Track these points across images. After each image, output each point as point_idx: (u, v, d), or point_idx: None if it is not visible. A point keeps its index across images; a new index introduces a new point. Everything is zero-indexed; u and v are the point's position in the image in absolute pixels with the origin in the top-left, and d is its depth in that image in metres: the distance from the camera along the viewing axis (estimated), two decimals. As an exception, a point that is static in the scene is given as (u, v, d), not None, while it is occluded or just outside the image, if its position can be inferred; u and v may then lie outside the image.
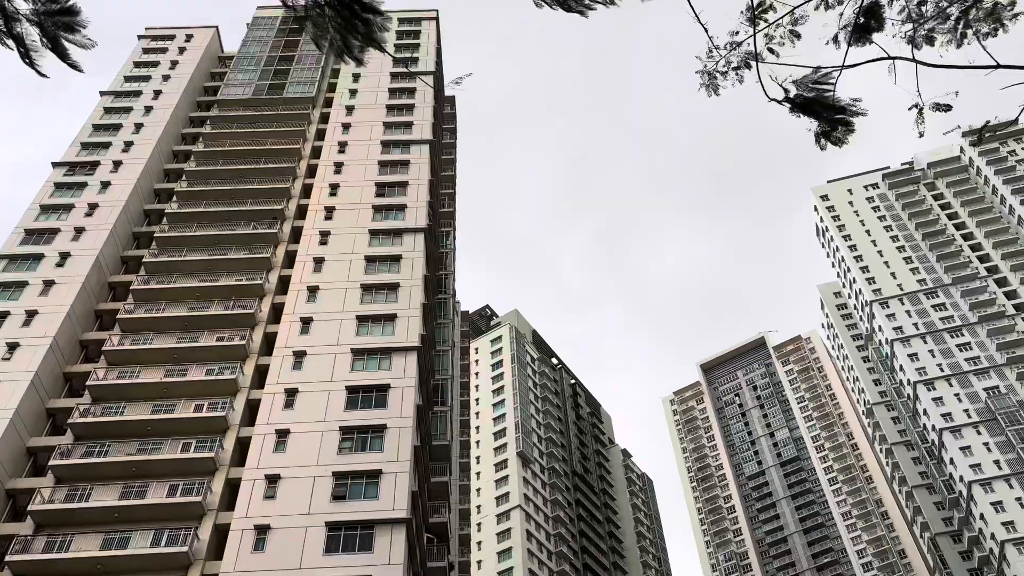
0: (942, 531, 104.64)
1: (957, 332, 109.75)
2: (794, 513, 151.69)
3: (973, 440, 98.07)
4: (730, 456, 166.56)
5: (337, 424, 44.41)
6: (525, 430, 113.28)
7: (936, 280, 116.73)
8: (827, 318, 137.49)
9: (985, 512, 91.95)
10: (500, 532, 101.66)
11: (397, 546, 38.96)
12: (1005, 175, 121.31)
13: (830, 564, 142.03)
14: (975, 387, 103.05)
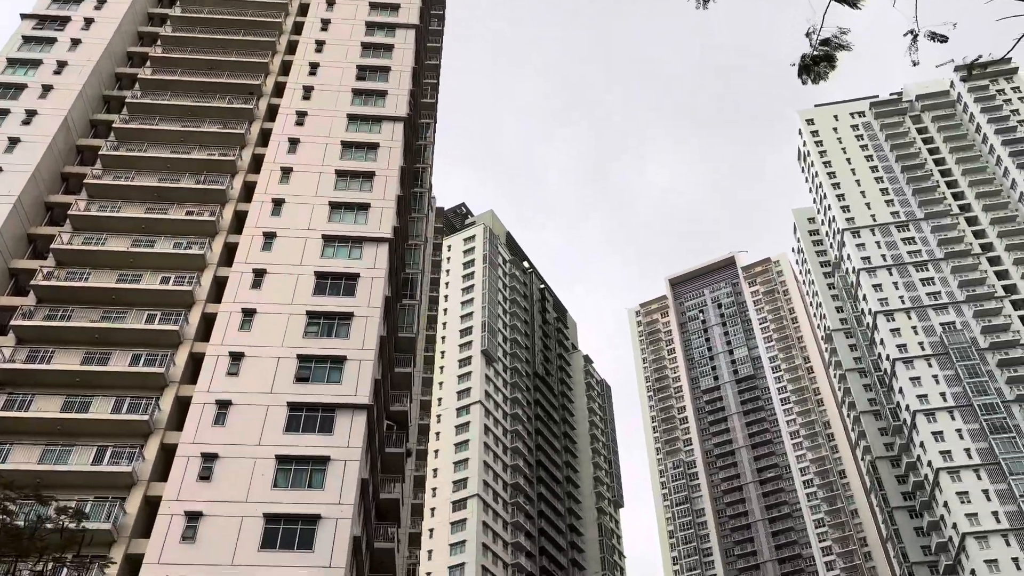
0: (882, 455, 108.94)
1: (923, 267, 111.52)
2: (744, 428, 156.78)
3: (923, 372, 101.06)
4: (688, 370, 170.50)
5: (304, 308, 44.41)
6: (491, 329, 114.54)
7: (909, 214, 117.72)
8: (798, 243, 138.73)
9: (925, 441, 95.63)
10: (459, 425, 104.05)
11: (357, 430, 39.66)
12: (991, 114, 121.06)
13: (773, 479, 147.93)
14: (932, 321, 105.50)
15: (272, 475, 37.49)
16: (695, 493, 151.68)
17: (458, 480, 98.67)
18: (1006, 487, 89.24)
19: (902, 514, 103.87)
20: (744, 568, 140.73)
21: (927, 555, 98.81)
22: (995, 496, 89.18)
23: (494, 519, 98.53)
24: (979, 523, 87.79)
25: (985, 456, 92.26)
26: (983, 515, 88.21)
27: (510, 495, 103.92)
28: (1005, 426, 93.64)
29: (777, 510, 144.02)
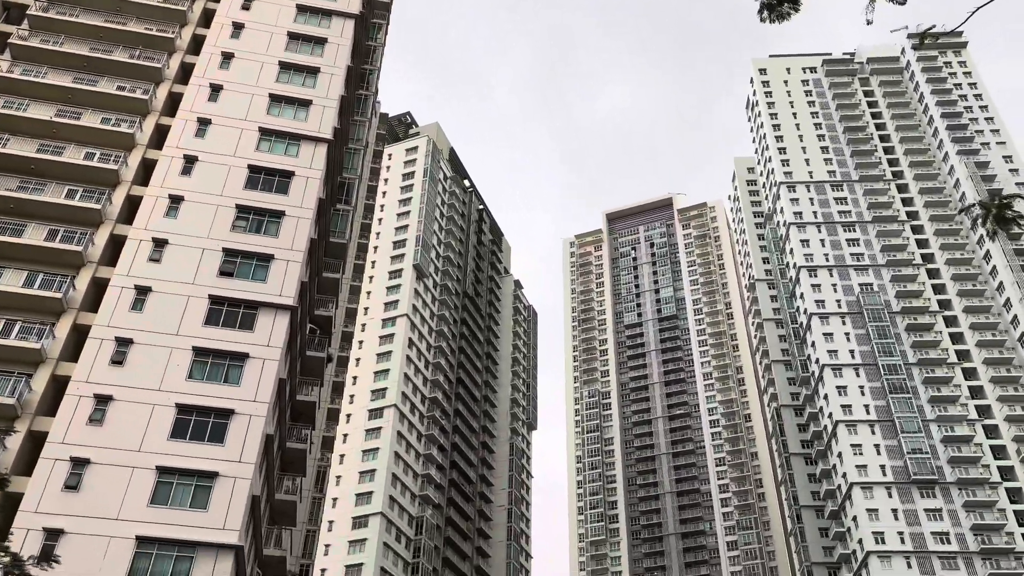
0: (788, 404, 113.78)
1: (850, 227, 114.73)
2: (660, 366, 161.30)
3: (837, 328, 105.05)
4: (614, 304, 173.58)
5: (234, 201, 43.23)
6: (425, 245, 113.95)
7: (845, 174, 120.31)
8: (735, 191, 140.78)
9: (829, 393, 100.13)
10: (384, 336, 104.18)
11: (279, 330, 39.30)
12: (935, 85, 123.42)
13: (682, 416, 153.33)
14: (852, 281, 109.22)
15: (188, 366, 37.03)
16: (607, 423, 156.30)
17: (377, 390, 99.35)
18: (896, 444, 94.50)
19: (798, 460, 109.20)
20: (644, 497, 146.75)
21: (816, 500, 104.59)
22: (885, 451, 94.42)
23: (409, 430, 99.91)
24: (867, 475, 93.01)
25: (881, 413, 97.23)
26: (872, 468, 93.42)
27: (427, 408, 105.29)
28: (904, 387, 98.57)
29: (682, 446, 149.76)
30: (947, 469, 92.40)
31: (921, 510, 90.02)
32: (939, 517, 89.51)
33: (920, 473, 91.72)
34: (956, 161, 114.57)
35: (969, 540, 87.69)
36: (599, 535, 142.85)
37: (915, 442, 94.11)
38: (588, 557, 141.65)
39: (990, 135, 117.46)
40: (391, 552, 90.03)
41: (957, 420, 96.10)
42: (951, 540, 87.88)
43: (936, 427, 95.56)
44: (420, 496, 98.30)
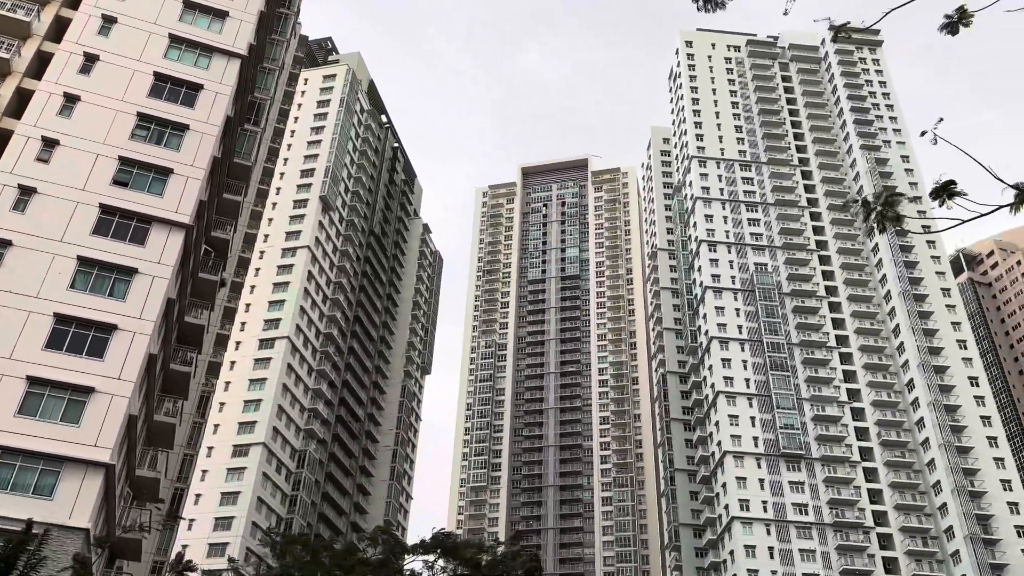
0: (674, 371, 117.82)
1: (753, 207, 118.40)
2: (558, 323, 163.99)
3: (728, 303, 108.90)
4: (520, 258, 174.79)
5: (136, 108, 41.03)
6: (335, 177, 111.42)
7: (754, 155, 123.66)
8: (649, 159, 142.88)
9: (714, 365, 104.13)
10: (283, 266, 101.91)
11: (172, 248, 37.84)
12: (849, 79, 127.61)
13: (573, 374, 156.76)
14: (748, 259, 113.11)
15: (71, 276, 35.30)
16: (500, 374, 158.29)
17: (271, 320, 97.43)
18: (770, 418, 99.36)
19: (678, 425, 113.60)
20: (528, 449, 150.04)
21: (690, 464, 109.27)
22: (759, 424, 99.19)
23: (300, 363, 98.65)
24: (740, 445, 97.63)
25: (760, 388, 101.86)
26: (745, 438, 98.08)
27: (321, 344, 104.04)
28: (784, 365, 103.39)
29: (570, 402, 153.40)
30: (814, 446, 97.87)
31: (786, 482, 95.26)
32: (801, 490, 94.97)
33: (789, 448, 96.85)
34: (859, 155, 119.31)
35: (825, 513, 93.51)
36: (480, 482, 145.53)
37: (788, 418, 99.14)
38: (467, 502, 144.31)
39: (892, 134, 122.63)
40: (270, 483, 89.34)
41: (829, 401, 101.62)
42: (809, 512, 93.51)
43: (809, 405, 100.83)
44: (305, 430, 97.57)
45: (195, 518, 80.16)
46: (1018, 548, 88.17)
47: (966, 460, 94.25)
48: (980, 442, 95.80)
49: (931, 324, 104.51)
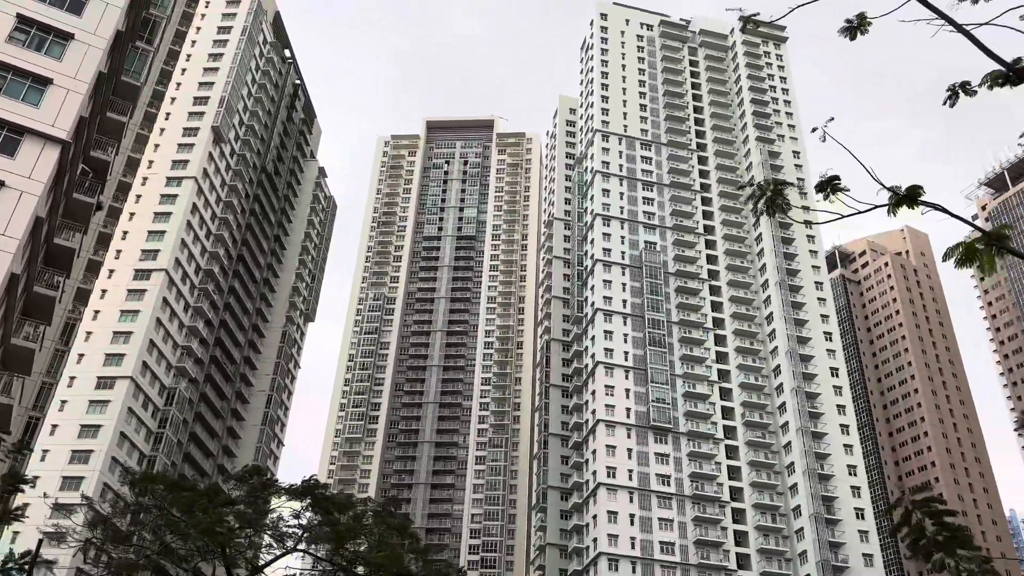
0: (559, 338, 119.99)
1: (649, 187, 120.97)
2: (450, 282, 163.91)
3: (616, 278, 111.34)
4: (417, 213, 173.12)
5: (16, 9, 37.85)
6: (230, 108, 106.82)
7: (656, 136, 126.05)
8: (554, 128, 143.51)
9: (597, 336, 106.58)
10: (166, 195, 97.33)
11: (45, 163, 35.36)
12: (752, 71, 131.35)
13: (460, 333, 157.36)
14: (640, 237, 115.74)
15: (-75, 181, 32.50)
16: (386, 327, 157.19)
17: (149, 250, 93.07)
18: (644, 391, 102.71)
19: (556, 392, 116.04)
20: (408, 404, 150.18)
21: (564, 430, 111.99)
22: (634, 396, 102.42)
23: (177, 298, 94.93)
24: (613, 415, 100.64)
25: (638, 362, 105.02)
26: (619, 409, 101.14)
27: (201, 280, 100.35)
28: (662, 342, 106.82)
29: (454, 361, 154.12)
30: (682, 421, 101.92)
31: (652, 453, 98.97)
32: (666, 462, 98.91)
33: (659, 421, 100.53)
34: (754, 146, 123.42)
35: (686, 485, 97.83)
36: (356, 434, 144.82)
37: (661, 392, 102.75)
38: (341, 453, 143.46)
39: (787, 129, 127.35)
40: (135, 419, 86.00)
41: (700, 379, 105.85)
42: (671, 483, 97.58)
43: (681, 382, 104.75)
44: (177, 367, 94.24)
45: (49, 449, 76.51)
46: (855, 528, 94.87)
47: (819, 445, 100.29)
48: (834, 429, 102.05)
49: (802, 315, 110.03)
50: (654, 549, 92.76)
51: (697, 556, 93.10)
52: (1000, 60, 9.24)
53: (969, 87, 9.99)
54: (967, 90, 10.01)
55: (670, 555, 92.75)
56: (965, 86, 10.05)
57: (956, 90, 10.13)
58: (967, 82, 9.96)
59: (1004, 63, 9.27)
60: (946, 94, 10.12)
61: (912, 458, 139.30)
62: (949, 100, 10.16)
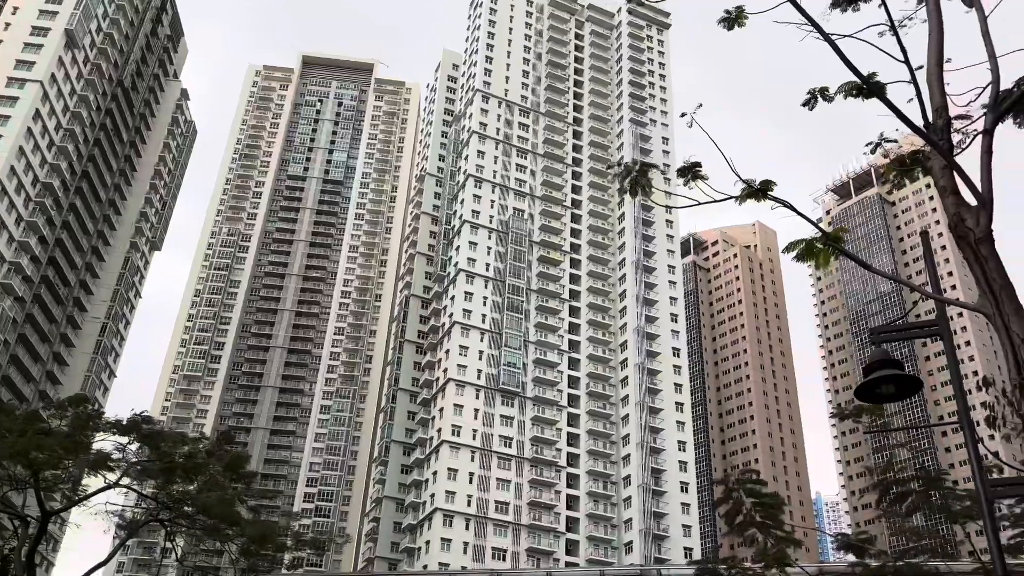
0: (419, 295, 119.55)
1: (523, 154, 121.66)
2: (311, 225, 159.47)
3: (482, 240, 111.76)
4: (284, 150, 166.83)
5: None
6: (88, 12, 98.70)
7: (535, 104, 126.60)
8: (435, 82, 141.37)
9: (457, 296, 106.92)
10: (6, 96, 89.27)
11: None
12: (634, 53, 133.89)
13: (318, 279, 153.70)
14: (509, 203, 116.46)
15: None
16: (239, 265, 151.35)
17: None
18: (497, 354, 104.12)
19: (411, 348, 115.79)
20: (255, 347, 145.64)
21: (414, 386, 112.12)
22: (486, 358, 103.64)
23: (8, 209, 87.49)
24: (465, 375, 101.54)
25: (494, 325, 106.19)
26: (471, 369, 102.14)
27: (38, 193, 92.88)
28: (520, 308, 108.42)
29: (308, 307, 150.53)
30: (530, 386, 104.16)
31: (498, 415, 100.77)
32: (511, 424, 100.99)
33: (508, 384, 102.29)
34: (627, 127, 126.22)
35: (527, 448, 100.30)
36: (196, 372, 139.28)
37: (513, 357, 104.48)
38: (178, 390, 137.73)
39: (659, 115, 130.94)
40: (-52, 336, 79.12)
41: (551, 347, 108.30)
42: (513, 446, 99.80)
43: (533, 348, 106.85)
44: (2, 284, 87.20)
45: None
46: (679, 501, 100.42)
47: (655, 420, 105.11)
48: (669, 406, 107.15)
49: (653, 295, 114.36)
50: (489, 508, 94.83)
51: (530, 517, 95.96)
52: (857, 72, 9.60)
53: (827, 93, 10.34)
54: (825, 96, 10.35)
55: (504, 515, 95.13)
56: (823, 92, 10.39)
57: (815, 95, 10.46)
58: (826, 88, 10.31)
59: (860, 76, 9.64)
60: (806, 96, 10.44)
61: (737, 439, 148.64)
62: (808, 104, 10.49)
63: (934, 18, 9.72)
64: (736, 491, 13.58)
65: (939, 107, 9.24)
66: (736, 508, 13.35)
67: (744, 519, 12.97)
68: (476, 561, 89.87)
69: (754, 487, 13.16)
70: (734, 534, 13.29)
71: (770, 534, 13.29)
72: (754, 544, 13.23)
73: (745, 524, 13.00)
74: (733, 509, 13.43)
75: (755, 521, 13.05)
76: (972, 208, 8.70)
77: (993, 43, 9.41)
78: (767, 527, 13.10)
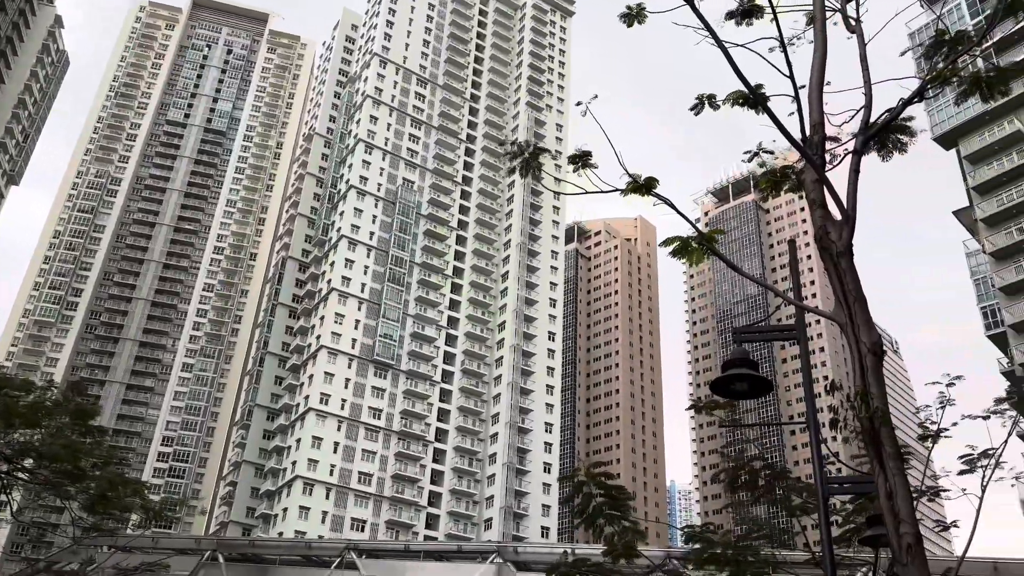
0: (297, 258, 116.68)
1: (418, 125, 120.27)
2: (188, 175, 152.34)
3: (369, 208, 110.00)
4: (165, 93, 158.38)
5: None
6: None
7: (434, 76, 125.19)
8: (333, 41, 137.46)
9: (337, 261, 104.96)
10: None
11: None
12: (536, 36, 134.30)
13: (190, 232, 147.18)
14: (399, 172, 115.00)
15: None
16: (105, 209, 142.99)
17: None
18: (374, 325, 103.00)
19: (284, 311, 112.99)
20: (116, 296, 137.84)
21: (284, 351, 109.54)
22: (363, 328, 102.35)
23: None
24: (339, 343, 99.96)
25: (374, 295, 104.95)
26: (345, 338, 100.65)
27: None
28: (401, 280, 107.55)
29: (177, 260, 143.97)
30: (405, 359, 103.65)
31: (370, 386, 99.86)
32: (382, 396, 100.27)
33: (383, 356, 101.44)
34: (523, 110, 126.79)
35: (396, 421, 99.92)
36: (49, 317, 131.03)
37: (390, 329, 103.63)
38: (27, 335, 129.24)
39: (556, 101, 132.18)
40: None
41: (430, 322, 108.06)
42: (382, 417, 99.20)
43: (412, 322, 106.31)
44: None
45: None
46: (541, 481, 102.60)
47: (525, 401, 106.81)
48: (540, 388, 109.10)
49: (534, 279, 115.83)
50: (352, 478, 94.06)
51: (392, 490, 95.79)
52: (746, 82, 9.93)
53: (714, 101, 10.66)
54: (712, 103, 10.67)
55: (367, 486, 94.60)
56: (711, 99, 10.71)
57: (703, 101, 10.77)
58: (713, 95, 10.64)
59: (748, 85, 9.98)
60: (695, 102, 10.73)
61: (603, 424, 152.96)
62: (696, 108, 10.79)
63: (820, 40, 10.18)
64: (585, 484, 14.07)
65: (816, 124, 9.71)
66: (586, 502, 13.84)
67: (592, 512, 13.49)
68: (334, 531, 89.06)
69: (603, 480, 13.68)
70: (584, 526, 13.84)
71: (618, 525, 13.86)
72: (602, 537, 13.80)
73: (594, 516, 13.53)
74: (583, 503, 13.92)
75: (604, 513, 13.58)
76: (837, 222, 9.20)
77: (870, 70, 9.96)
78: (615, 519, 13.68)
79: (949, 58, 10.02)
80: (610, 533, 13.96)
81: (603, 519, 13.65)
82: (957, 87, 10.10)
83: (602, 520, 13.68)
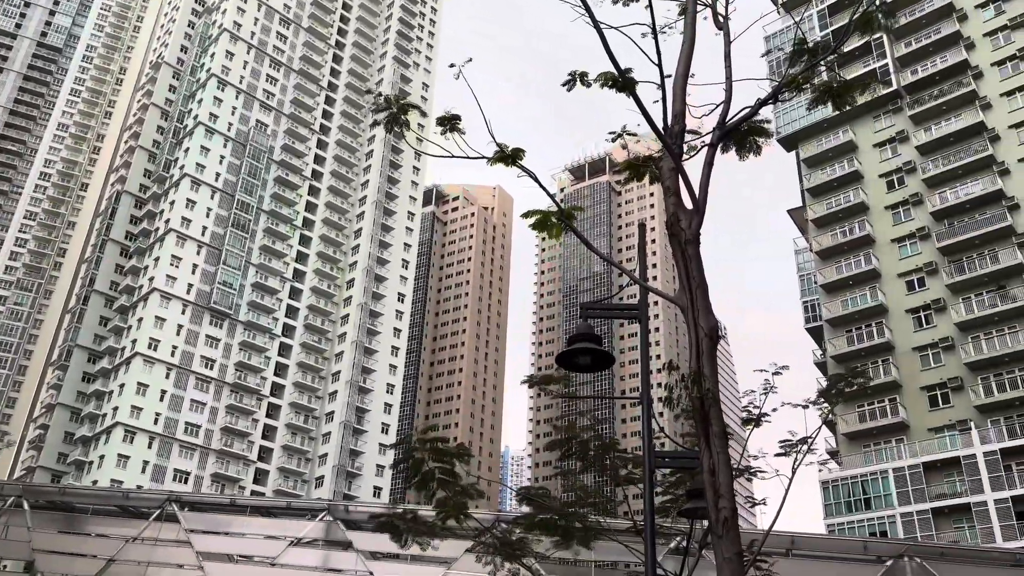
0: (133, 192, 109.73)
1: (277, 66, 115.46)
2: (15, 91, 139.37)
3: (216, 148, 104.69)
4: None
5: None
6: None
7: (298, 17, 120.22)
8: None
9: (178, 201, 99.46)
10: None
11: None
12: (404, 14, 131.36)
13: (14, 154, 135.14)
14: (252, 113, 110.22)
15: None
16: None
17: None
18: (214, 271, 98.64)
19: (114, 248, 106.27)
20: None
21: (113, 290, 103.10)
22: (200, 273, 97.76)
23: None
24: (173, 287, 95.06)
25: (215, 240, 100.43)
26: (181, 283, 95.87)
27: None
28: (246, 227, 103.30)
29: (5, 184, 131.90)
30: (244, 309, 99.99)
31: (204, 334, 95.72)
32: (216, 346, 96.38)
33: (220, 304, 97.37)
34: (390, 64, 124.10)
35: (229, 373, 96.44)
36: None
37: (230, 276, 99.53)
38: None
39: (424, 60, 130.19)
40: None
41: (275, 273, 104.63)
42: (215, 368, 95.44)
43: (255, 271, 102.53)
44: None
45: None
46: (377, 441, 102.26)
47: (368, 360, 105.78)
48: (385, 349, 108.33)
49: (388, 238, 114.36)
50: (179, 429, 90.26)
51: (221, 443, 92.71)
52: (616, 65, 10.08)
53: (586, 79, 10.76)
54: (584, 81, 10.78)
55: (194, 437, 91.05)
56: (583, 77, 10.81)
57: (576, 77, 10.86)
58: (585, 73, 10.74)
59: (618, 68, 10.14)
60: (567, 78, 10.81)
61: (444, 388, 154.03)
62: (568, 85, 10.87)
63: (689, 32, 10.48)
64: (416, 450, 14.21)
65: (678, 114, 10.02)
66: (417, 467, 13.98)
67: (423, 476, 13.65)
68: (155, 481, 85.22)
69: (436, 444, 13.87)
70: (415, 490, 14.00)
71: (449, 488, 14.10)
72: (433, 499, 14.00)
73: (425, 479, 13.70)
74: (413, 467, 14.07)
75: (435, 477, 13.76)
76: (688, 211, 9.57)
77: (732, 67, 10.37)
78: (446, 483, 13.92)
79: (806, 66, 10.59)
80: (443, 497, 14.15)
81: (435, 483, 13.81)
82: (810, 93, 10.71)
83: (434, 484, 13.84)
